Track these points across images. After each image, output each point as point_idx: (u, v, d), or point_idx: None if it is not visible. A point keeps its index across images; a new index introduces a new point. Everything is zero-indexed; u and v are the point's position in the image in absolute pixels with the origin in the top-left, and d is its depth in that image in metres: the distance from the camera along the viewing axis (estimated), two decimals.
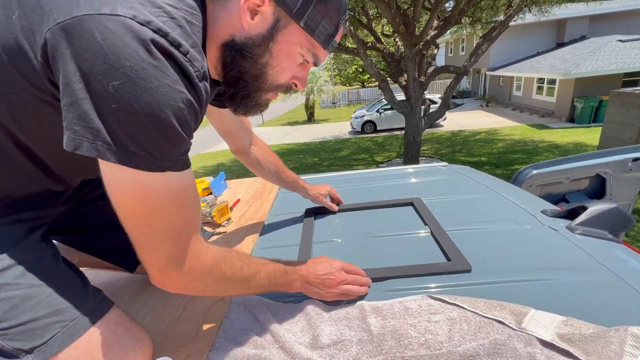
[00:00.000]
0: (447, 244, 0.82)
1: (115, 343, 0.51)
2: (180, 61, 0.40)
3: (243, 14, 0.47)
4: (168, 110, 0.39)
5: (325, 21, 0.50)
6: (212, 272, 0.52)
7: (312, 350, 0.59)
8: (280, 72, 0.54)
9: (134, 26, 0.37)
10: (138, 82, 0.37)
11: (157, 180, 0.43)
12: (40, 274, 0.49)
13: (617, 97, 5.07)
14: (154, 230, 0.45)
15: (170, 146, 0.42)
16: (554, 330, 0.55)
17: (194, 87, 0.42)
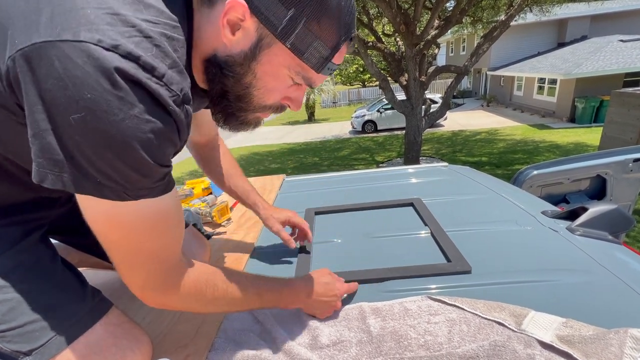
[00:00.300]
0: (447, 245, 0.82)
1: (113, 344, 0.51)
2: (151, 88, 0.36)
3: (223, 29, 0.43)
4: (135, 142, 0.36)
5: (318, 43, 0.44)
6: (192, 296, 0.51)
7: (312, 351, 0.59)
8: (266, 93, 0.49)
9: (96, 53, 0.33)
10: (100, 115, 0.34)
11: (130, 209, 0.41)
12: (37, 276, 0.49)
13: (618, 97, 5.06)
14: (128, 255, 0.45)
15: (141, 177, 0.39)
16: (553, 331, 0.55)
17: (169, 113, 0.38)
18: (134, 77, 0.35)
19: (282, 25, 0.42)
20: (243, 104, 0.50)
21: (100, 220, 0.42)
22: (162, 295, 0.49)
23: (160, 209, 0.44)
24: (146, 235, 0.44)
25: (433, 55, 6.94)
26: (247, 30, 0.43)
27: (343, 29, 0.45)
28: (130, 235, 0.43)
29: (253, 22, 0.42)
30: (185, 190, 1.28)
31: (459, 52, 18.81)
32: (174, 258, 0.48)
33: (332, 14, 0.43)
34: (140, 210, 0.42)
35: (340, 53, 0.46)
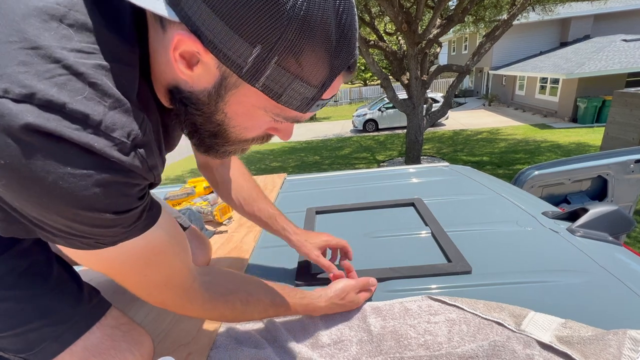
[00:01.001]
0: (448, 245, 0.82)
1: (111, 347, 0.50)
2: (83, 142, 0.28)
3: (175, 64, 0.34)
4: (79, 204, 0.30)
5: (298, 83, 0.34)
6: (209, 312, 0.52)
7: (312, 350, 0.60)
8: (244, 131, 0.42)
9: (1, 109, 0.26)
10: (26, 182, 0.28)
11: (115, 252, 0.37)
12: (33, 279, 0.48)
13: (621, 98, 5.05)
14: (135, 287, 0.44)
15: (106, 229, 0.34)
16: (553, 332, 0.55)
17: (115, 164, 0.31)
18: (55, 133, 0.27)
19: (247, 64, 0.32)
20: (219, 140, 0.43)
21: (89, 263, 0.40)
22: (185, 311, 0.50)
23: (149, 243, 0.40)
24: (145, 269, 0.42)
25: (435, 54, 6.93)
26: (207, 66, 0.34)
27: (336, 62, 0.35)
28: (127, 272, 0.42)
29: (212, 57, 0.33)
30: (186, 189, 1.29)
31: (460, 51, 18.75)
32: (185, 281, 0.48)
33: (316, 47, 0.33)
34: (125, 250, 0.38)
35: (331, 89, 0.37)
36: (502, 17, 6.01)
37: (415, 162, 6.49)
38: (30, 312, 0.46)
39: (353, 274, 0.71)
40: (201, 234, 0.89)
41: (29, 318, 0.46)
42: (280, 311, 0.60)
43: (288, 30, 0.31)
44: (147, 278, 0.43)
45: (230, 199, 0.77)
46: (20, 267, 0.48)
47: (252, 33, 0.31)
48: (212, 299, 0.52)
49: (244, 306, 0.55)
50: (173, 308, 0.49)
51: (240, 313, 0.55)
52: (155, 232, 0.40)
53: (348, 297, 0.65)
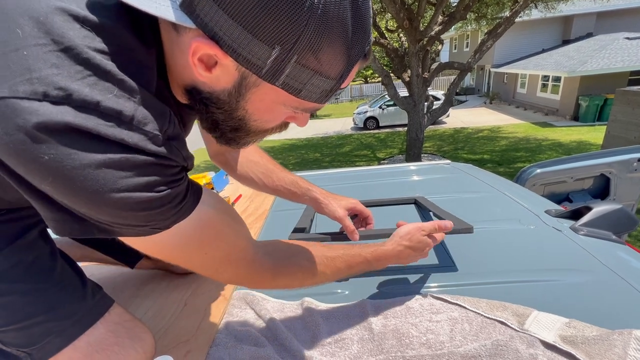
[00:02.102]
0: (446, 216, 0.82)
1: (115, 343, 0.50)
2: (119, 137, 0.30)
3: (195, 68, 0.35)
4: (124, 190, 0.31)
5: (318, 78, 0.35)
6: (281, 279, 0.52)
7: (313, 348, 0.59)
8: (264, 123, 0.43)
9: (42, 111, 0.27)
10: (70, 178, 0.29)
11: (170, 236, 0.38)
12: (37, 274, 0.48)
13: (623, 96, 5.02)
14: (202, 267, 0.44)
15: (157, 210, 0.34)
16: (556, 332, 0.54)
17: (150, 155, 0.32)
18: (94, 131, 0.29)
19: (266, 66, 0.33)
20: (241, 133, 0.44)
21: (151, 251, 0.40)
22: (258, 281, 0.50)
23: (201, 221, 0.40)
24: (204, 248, 0.42)
25: (436, 52, 6.91)
26: (226, 67, 0.35)
27: (353, 53, 0.35)
28: (188, 253, 0.42)
29: (231, 59, 0.33)
30: None
31: (462, 49, 18.67)
32: (247, 254, 0.48)
33: (334, 42, 0.33)
34: (181, 232, 0.39)
35: (348, 78, 0.38)
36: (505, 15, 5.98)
37: (416, 160, 6.48)
38: (34, 306, 0.46)
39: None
40: None
41: (33, 312, 0.46)
42: (347, 261, 0.58)
43: (307, 30, 0.31)
44: (209, 256, 0.43)
45: (249, 178, 0.76)
46: (26, 260, 0.48)
47: (270, 35, 0.31)
48: (279, 264, 0.51)
49: (311, 264, 0.55)
50: (245, 282, 0.49)
51: (310, 273, 0.54)
52: (203, 209, 0.40)
53: (415, 238, 0.63)
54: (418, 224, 0.65)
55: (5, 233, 0.48)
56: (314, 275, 0.55)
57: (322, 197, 0.76)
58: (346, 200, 0.78)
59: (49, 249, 0.52)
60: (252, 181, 0.77)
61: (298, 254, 0.55)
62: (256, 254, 0.49)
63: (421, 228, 0.65)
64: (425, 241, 0.64)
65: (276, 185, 0.77)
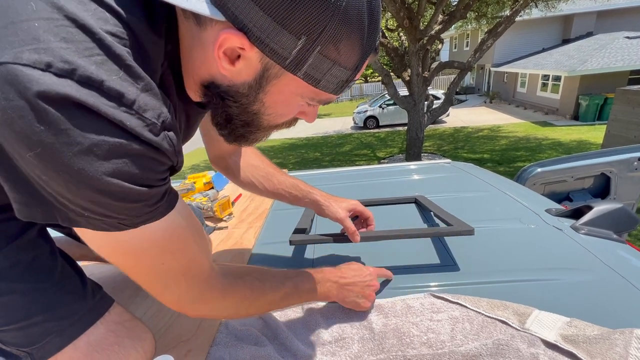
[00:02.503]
0: (447, 217, 0.82)
1: (115, 343, 0.50)
2: (118, 119, 0.30)
3: (219, 61, 0.36)
4: (110, 173, 0.31)
5: (336, 68, 0.37)
6: (233, 302, 0.51)
7: (313, 347, 0.59)
8: (277, 117, 0.44)
9: (44, 80, 0.27)
10: (60, 150, 0.29)
11: (135, 237, 0.37)
12: (36, 273, 0.47)
13: (623, 95, 5.01)
14: (153, 278, 0.42)
15: (132, 204, 0.34)
16: (557, 331, 0.54)
17: (145, 143, 0.32)
18: (93, 108, 0.29)
19: (291, 56, 0.35)
20: (252, 128, 0.45)
21: (108, 251, 0.39)
22: (202, 306, 0.48)
23: (169, 227, 0.40)
24: (163, 256, 0.41)
25: (436, 51, 6.89)
26: (249, 60, 0.36)
27: (367, 45, 0.37)
28: (145, 260, 0.41)
29: (255, 51, 0.35)
30: (186, 185, 1.28)
31: (462, 48, 18.65)
32: (203, 270, 0.47)
33: (353, 32, 0.35)
34: (146, 235, 0.38)
35: (362, 69, 0.40)
36: (505, 14, 5.97)
37: (415, 159, 6.48)
38: (34, 305, 0.46)
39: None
40: None
41: (33, 312, 0.46)
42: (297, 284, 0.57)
43: (332, 22, 0.33)
44: (165, 267, 0.42)
45: (250, 182, 0.76)
46: (25, 260, 0.47)
47: (298, 26, 0.33)
48: (231, 283, 0.50)
49: (262, 283, 0.54)
50: (189, 303, 0.47)
51: (260, 292, 0.53)
52: (174, 217, 0.40)
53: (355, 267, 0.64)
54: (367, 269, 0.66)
55: (3, 232, 0.47)
56: (263, 296, 0.54)
57: (323, 199, 0.76)
58: (347, 202, 0.78)
59: (48, 248, 0.51)
60: (253, 185, 0.77)
61: (249, 274, 0.54)
62: (212, 271, 0.48)
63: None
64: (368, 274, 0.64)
65: (277, 188, 0.77)
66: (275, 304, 0.56)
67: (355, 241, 0.73)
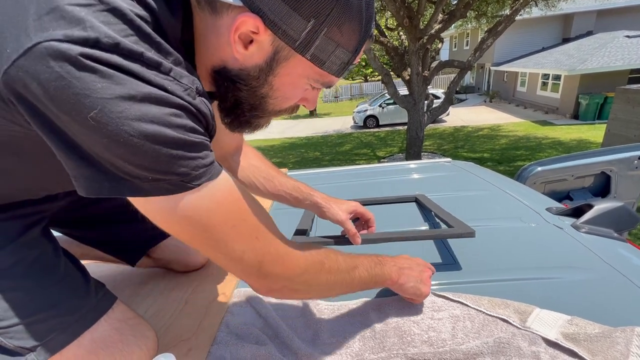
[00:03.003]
0: (448, 217, 0.82)
1: (119, 340, 0.50)
2: (160, 84, 0.34)
3: (234, 45, 0.39)
4: (167, 124, 0.34)
5: (340, 50, 0.40)
6: (309, 269, 0.49)
7: (315, 346, 0.59)
8: (283, 101, 0.47)
9: (94, 51, 0.31)
10: (118, 104, 0.31)
11: (199, 197, 0.37)
12: (40, 270, 0.48)
13: (623, 94, 5.01)
14: (227, 247, 0.41)
15: (189, 153, 0.36)
16: (558, 329, 0.54)
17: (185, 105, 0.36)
18: (139, 75, 0.32)
19: (300, 38, 0.38)
20: (258, 112, 0.48)
21: (174, 222, 0.39)
22: (282, 277, 0.46)
23: (228, 188, 0.41)
24: (233, 219, 0.41)
25: (436, 50, 6.88)
26: (261, 44, 0.39)
27: (364, 29, 0.41)
28: (216, 226, 0.40)
29: (268, 35, 0.38)
30: None
31: (462, 47, 18.64)
32: (276, 234, 0.46)
33: (353, 17, 0.39)
34: (211, 195, 0.38)
35: (360, 53, 0.43)
36: (505, 13, 5.96)
37: (415, 159, 6.48)
38: (39, 303, 0.46)
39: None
40: None
41: (37, 309, 0.46)
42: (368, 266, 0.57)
43: (337, 6, 0.37)
44: (236, 229, 0.41)
45: (252, 183, 0.77)
46: (30, 257, 0.48)
47: (308, 10, 0.36)
48: (306, 252, 0.49)
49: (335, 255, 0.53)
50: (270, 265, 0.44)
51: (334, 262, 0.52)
52: (229, 180, 0.41)
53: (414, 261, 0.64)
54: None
55: (8, 231, 0.48)
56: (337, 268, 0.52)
57: (324, 201, 0.77)
58: (347, 204, 0.78)
59: (52, 247, 0.52)
60: (254, 186, 0.77)
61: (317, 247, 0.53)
62: (283, 238, 0.47)
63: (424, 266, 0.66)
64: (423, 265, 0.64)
65: (278, 190, 0.77)
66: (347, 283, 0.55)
67: (357, 243, 0.73)
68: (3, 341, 0.44)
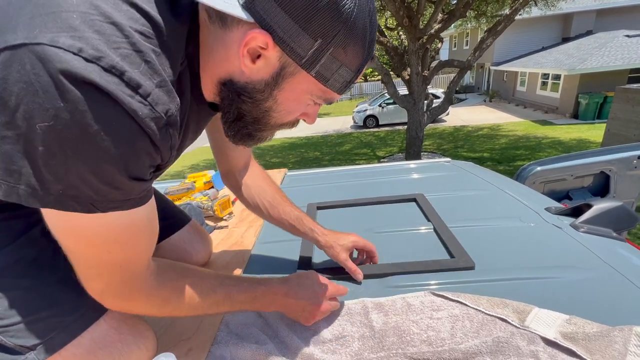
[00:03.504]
0: (451, 241, 0.82)
1: (118, 340, 0.50)
2: (131, 107, 0.33)
3: (242, 59, 0.40)
4: (111, 160, 0.34)
5: (343, 69, 0.42)
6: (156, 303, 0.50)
7: (314, 346, 0.59)
8: (285, 115, 0.48)
9: (74, 63, 0.31)
10: (71, 127, 0.32)
11: (96, 222, 0.39)
12: (40, 270, 0.48)
13: (623, 94, 5.01)
14: (90, 264, 0.44)
15: (113, 189, 0.37)
16: (557, 328, 0.54)
17: (147, 133, 0.36)
18: (112, 94, 0.32)
19: (307, 56, 0.40)
20: (260, 125, 0.49)
21: (62, 232, 0.40)
22: (123, 302, 0.49)
23: (131, 222, 0.42)
24: (112, 246, 0.42)
25: (436, 50, 6.88)
26: (268, 59, 0.41)
27: (367, 51, 0.42)
28: (95, 245, 0.42)
29: (276, 51, 0.40)
30: (186, 184, 1.28)
31: (462, 47, 18.64)
32: (140, 268, 0.48)
33: (358, 40, 0.41)
34: (108, 223, 0.40)
35: (361, 72, 0.45)
36: (505, 12, 5.96)
37: (415, 158, 6.48)
38: (39, 301, 0.47)
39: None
40: (202, 229, 0.89)
41: (37, 308, 0.46)
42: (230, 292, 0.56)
43: (343, 29, 0.39)
44: (109, 256, 0.43)
45: (256, 205, 0.78)
46: (29, 256, 0.48)
47: (316, 30, 0.38)
48: (160, 285, 0.50)
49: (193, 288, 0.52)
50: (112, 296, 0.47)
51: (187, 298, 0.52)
52: (139, 213, 0.42)
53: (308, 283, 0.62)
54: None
55: (8, 231, 0.48)
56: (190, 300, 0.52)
57: (323, 239, 0.76)
58: (346, 239, 0.77)
59: (51, 246, 0.52)
60: (258, 208, 0.79)
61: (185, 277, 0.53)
62: (146, 271, 0.49)
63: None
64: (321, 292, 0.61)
65: (281, 218, 0.78)
66: (202, 310, 0.55)
67: (359, 279, 0.73)
68: (3, 340, 0.45)
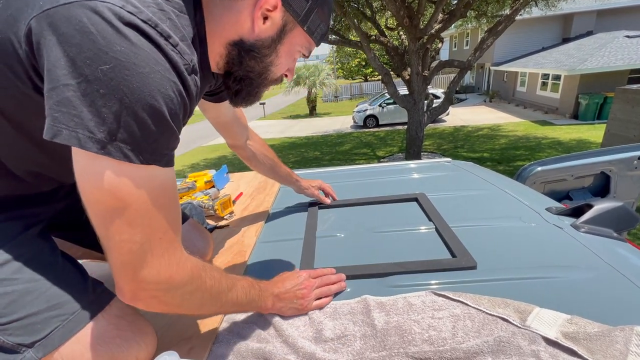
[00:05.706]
0: (452, 240, 0.82)
1: (117, 336, 0.51)
2: (168, 52, 0.40)
3: (257, 20, 0.49)
4: (159, 96, 0.39)
5: (322, 24, 0.55)
6: (192, 282, 0.48)
7: (316, 345, 0.59)
8: (280, 68, 0.58)
9: (122, 13, 0.36)
10: (129, 67, 0.36)
11: (140, 175, 0.40)
12: (38, 268, 0.48)
13: (623, 94, 5.01)
14: (131, 231, 0.41)
15: (160, 135, 0.40)
16: (558, 328, 0.54)
17: (182, 79, 0.42)
18: (154, 40, 0.38)
19: (303, 13, 0.51)
20: (262, 80, 0.58)
21: (105, 187, 0.39)
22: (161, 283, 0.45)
23: (167, 182, 0.44)
24: (153, 210, 0.42)
25: (436, 50, 6.87)
26: (274, 19, 0.50)
27: (331, 11, 0.56)
28: (136, 207, 0.41)
29: (279, 11, 0.50)
30: (187, 183, 1.28)
31: (462, 47, 18.64)
32: (178, 240, 0.47)
33: (329, 3, 0.55)
34: (150, 178, 0.42)
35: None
36: (505, 12, 5.96)
37: (415, 158, 6.48)
38: (37, 299, 0.47)
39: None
40: (202, 228, 0.89)
41: (35, 305, 0.46)
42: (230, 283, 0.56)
43: None
44: (150, 221, 0.42)
45: (260, 167, 1.03)
46: (27, 254, 0.49)
47: None
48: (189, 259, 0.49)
49: (215, 272, 0.53)
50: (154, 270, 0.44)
51: (214, 280, 0.52)
52: (169, 175, 0.45)
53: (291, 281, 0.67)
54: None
55: (6, 231, 0.49)
56: (213, 284, 0.52)
57: (304, 182, 1.12)
58: (315, 182, 1.15)
59: (49, 245, 0.52)
60: (264, 168, 1.04)
61: (206, 265, 0.53)
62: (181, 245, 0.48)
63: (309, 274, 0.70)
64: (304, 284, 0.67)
65: (276, 175, 1.08)
66: (222, 302, 0.55)
67: (326, 202, 1.13)
68: (1, 338, 0.45)
